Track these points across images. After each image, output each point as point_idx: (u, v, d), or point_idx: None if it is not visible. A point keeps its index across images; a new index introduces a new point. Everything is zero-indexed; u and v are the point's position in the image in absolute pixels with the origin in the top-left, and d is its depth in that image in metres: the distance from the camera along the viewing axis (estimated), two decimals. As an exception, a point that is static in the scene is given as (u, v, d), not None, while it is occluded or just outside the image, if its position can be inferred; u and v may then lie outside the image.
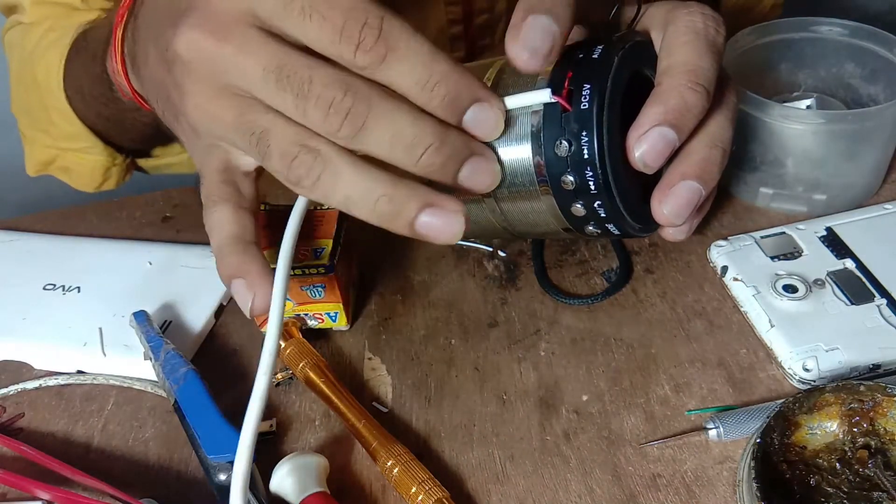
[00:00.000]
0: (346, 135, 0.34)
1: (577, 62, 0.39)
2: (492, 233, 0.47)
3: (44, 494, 0.40)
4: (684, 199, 0.40)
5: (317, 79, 0.34)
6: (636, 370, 0.46)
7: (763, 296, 0.48)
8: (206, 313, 0.52)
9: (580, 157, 0.38)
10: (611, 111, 0.38)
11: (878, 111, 0.51)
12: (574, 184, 0.39)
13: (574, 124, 0.37)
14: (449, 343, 0.50)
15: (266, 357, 0.38)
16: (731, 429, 0.41)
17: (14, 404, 0.49)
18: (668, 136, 0.38)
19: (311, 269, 0.47)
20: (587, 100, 0.37)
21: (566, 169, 0.38)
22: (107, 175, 0.64)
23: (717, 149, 0.40)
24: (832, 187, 0.54)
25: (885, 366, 0.44)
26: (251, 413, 0.38)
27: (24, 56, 0.62)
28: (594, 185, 0.38)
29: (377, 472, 0.42)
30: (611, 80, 0.38)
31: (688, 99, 0.38)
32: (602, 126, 0.37)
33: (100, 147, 0.61)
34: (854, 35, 0.57)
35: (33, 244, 0.59)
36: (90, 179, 0.64)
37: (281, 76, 0.34)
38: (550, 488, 0.41)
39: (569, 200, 0.40)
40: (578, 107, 0.37)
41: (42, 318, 0.52)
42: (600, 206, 0.39)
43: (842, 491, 0.38)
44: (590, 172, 0.38)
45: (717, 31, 0.40)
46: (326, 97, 0.34)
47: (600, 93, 0.37)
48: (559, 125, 0.38)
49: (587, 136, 0.37)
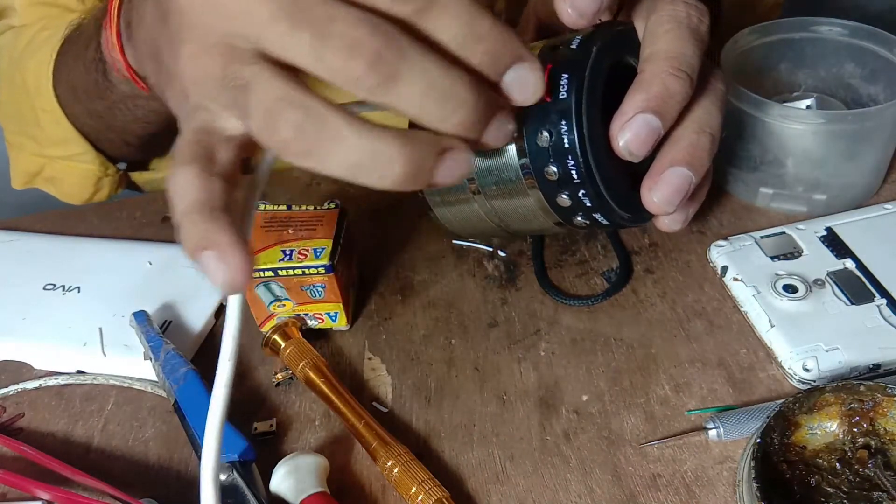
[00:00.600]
0: (371, 83, 0.30)
1: (557, 54, 0.39)
2: (488, 232, 0.47)
3: (44, 494, 0.40)
4: (673, 186, 0.39)
5: (341, 16, 0.29)
6: (636, 370, 0.46)
7: (763, 296, 0.48)
8: (206, 313, 0.52)
9: (561, 146, 0.38)
10: (590, 99, 0.38)
11: (878, 111, 0.51)
12: (557, 174, 0.39)
13: (553, 115, 0.38)
14: (449, 343, 0.50)
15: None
16: (731, 429, 0.41)
17: (14, 404, 0.49)
18: (651, 122, 0.37)
19: (311, 269, 0.47)
20: (565, 89, 0.38)
21: (549, 160, 0.39)
22: (98, 186, 0.61)
23: (705, 134, 0.40)
24: (832, 187, 0.54)
25: (885, 366, 0.44)
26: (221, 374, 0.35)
27: (14, 57, 0.60)
28: (577, 174, 0.38)
29: (377, 472, 0.42)
30: (589, 69, 0.38)
31: (670, 85, 0.38)
32: (581, 114, 0.38)
33: (91, 154, 0.59)
34: (854, 35, 0.57)
35: (33, 244, 0.59)
36: (80, 189, 0.60)
37: (295, 12, 0.30)
38: (550, 488, 0.41)
39: (554, 191, 0.40)
40: (557, 96, 0.38)
41: (42, 318, 0.52)
42: (585, 196, 0.39)
43: (842, 491, 0.38)
44: (571, 161, 0.38)
45: (699, 20, 0.40)
46: (351, 36, 0.29)
47: (578, 81, 0.38)
48: (539, 117, 0.38)
49: (566, 125, 0.38)
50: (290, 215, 0.50)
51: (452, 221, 0.46)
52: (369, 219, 0.59)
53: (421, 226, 0.58)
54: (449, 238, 0.56)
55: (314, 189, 0.60)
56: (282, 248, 0.47)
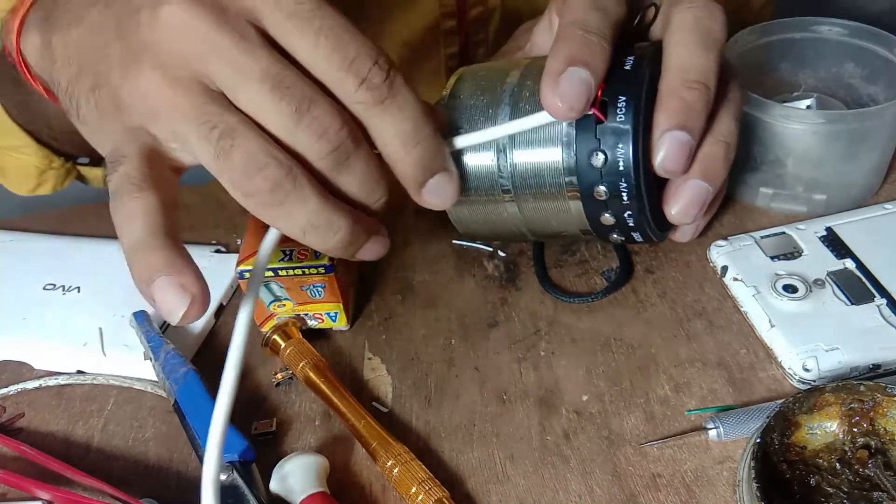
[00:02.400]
0: (328, 164, 0.34)
1: (609, 72, 0.39)
2: (504, 235, 0.47)
3: (44, 494, 0.40)
4: (690, 199, 0.40)
5: (318, 102, 0.34)
6: (636, 370, 0.46)
7: (763, 296, 0.48)
8: (206, 313, 0.52)
9: (615, 168, 0.38)
10: (645, 123, 0.38)
11: (878, 111, 0.51)
12: (607, 194, 0.39)
13: (610, 137, 0.38)
14: (449, 343, 0.50)
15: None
16: (731, 429, 0.41)
17: (14, 404, 0.49)
18: (681, 138, 0.38)
19: (311, 269, 0.47)
20: (623, 112, 0.38)
21: (599, 180, 0.39)
22: (41, 179, 0.59)
23: (720, 143, 0.40)
24: (832, 187, 0.54)
25: (885, 366, 0.44)
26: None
27: None
28: (627, 196, 0.39)
29: (377, 472, 0.42)
30: (644, 92, 0.38)
31: (687, 98, 0.38)
32: (638, 140, 0.38)
33: (32, 147, 0.57)
34: (854, 35, 0.57)
35: (33, 244, 0.59)
36: (24, 181, 0.59)
37: (279, 86, 0.33)
38: (550, 488, 0.41)
39: (599, 210, 0.40)
40: (614, 119, 0.38)
41: (42, 318, 0.52)
42: (630, 216, 0.40)
43: (842, 491, 0.38)
44: (624, 184, 0.39)
45: (712, 22, 0.40)
46: (324, 123, 0.33)
47: (636, 106, 0.38)
48: (593, 136, 0.38)
49: (623, 149, 0.38)
50: (290, 215, 0.50)
51: (467, 222, 0.46)
52: (369, 219, 0.59)
53: (421, 226, 0.58)
54: (449, 238, 0.56)
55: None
56: (282, 248, 0.47)
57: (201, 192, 0.63)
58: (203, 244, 0.58)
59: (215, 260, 0.56)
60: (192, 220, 0.61)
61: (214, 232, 0.60)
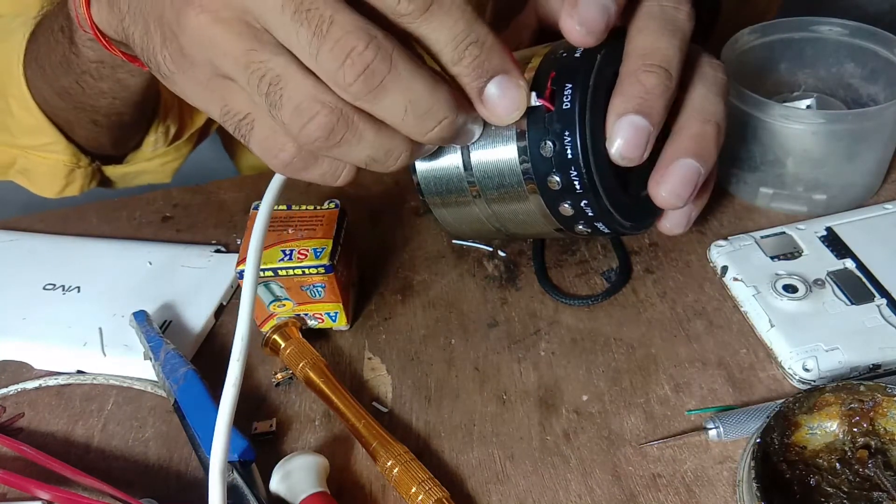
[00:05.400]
0: (357, 92, 0.32)
1: (560, 62, 0.39)
2: (487, 234, 0.47)
3: (44, 494, 0.40)
4: (680, 178, 0.39)
5: (339, 21, 0.31)
6: (636, 370, 0.46)
7: (763, 296, 0.48)
8: (206, 313, 0.52)
9: (564, 156, 0.38)
10: (593, 110, 0.38)
11: (878, 111, 0.51)
12: (560, 184, 0.39)
13: (557, 124, 0.38)
14: (449, 343, 0.50)
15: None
16: (731, 429, 0.41)
17: (14, 404, 0.49)
18: (637, 123, 0.37)
19: (311, 269, 0.47)
20: (569, 99, 0.37)
21: (551, 169, 0.38)
22: (69, 178, 0.59)
23: (711, 124, 0.39)
24: (832, 187, 0.54)
25: (885, 366, 0.44)
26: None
27: None
28: (579, 185, 0.38)
29: (377, 472, 0.42)
30: (592, 79, 0.38)
31: (645, 82, 0.37)
32: (584, 125, 0.37)
33: (62, 143, 0.57)
34: (854, 35, 0.57)
35: (33, 244, 0.59)
36: (51, 181, 0.59)
37: (300, 8, 0.31)
38: (550, 488, 0.41)
39: (556, 200, 0.40)
40: (561, 107, 0.37)
41: (42, 318, 0.52)
42: (587, 205, 0.39)
43: (842, 491, 0.38)
44: (574, 172, 0.38)
45: (677, 11, 0.39)
46: (346, 44, 0.31)
47: (582, 92, 0.37)
48: (543, 126, 0.38)
49: (570, 136, 0.37)
50: (289, 215, 0.50)
51: (451, 223, 0.46)
52: (369, 219, 0.59)
53: (421, 226, 0.58)
54: (449, 238, 0.56)
55: (314, 189, 0.60)
56: (282, 248, 0.47)
57: (201, 191, 0.63)
58: (203, 244, 0.58)
59: (215, 260, 0.56)
60: (191, 220, 0.61)
61: (214, 232, 0.60)
